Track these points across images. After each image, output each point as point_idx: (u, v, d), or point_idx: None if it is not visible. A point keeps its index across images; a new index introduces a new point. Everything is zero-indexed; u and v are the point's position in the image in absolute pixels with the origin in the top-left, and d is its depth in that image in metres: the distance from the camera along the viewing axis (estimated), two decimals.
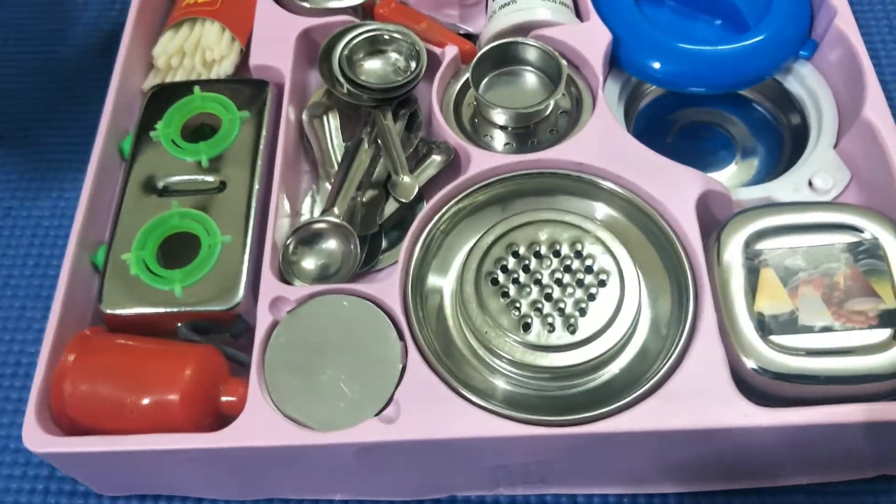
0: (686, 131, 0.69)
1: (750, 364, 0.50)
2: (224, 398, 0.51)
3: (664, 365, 0.49)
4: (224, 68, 0.65)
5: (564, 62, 0.61)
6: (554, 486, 0.56)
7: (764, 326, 0.51)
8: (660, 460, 0.52)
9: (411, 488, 0.56)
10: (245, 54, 0.66)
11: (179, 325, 0.54)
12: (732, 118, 0.69)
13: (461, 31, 0.67)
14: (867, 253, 0.52)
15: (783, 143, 0.67)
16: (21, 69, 0.79)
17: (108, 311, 0.54)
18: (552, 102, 0.61)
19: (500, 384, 0.52)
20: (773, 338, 0.50)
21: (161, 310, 0.54)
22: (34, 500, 0.58)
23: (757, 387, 0.50)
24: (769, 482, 0.56)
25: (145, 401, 0.50)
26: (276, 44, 0.64)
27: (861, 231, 0.53)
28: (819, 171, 0.60)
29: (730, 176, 0.66)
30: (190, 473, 0.54)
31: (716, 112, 0.69)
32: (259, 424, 0.49)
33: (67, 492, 0.59)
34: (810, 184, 0.60)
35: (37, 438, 0.49)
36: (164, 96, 0.63)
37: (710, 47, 0.63)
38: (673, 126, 0.69)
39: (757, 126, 0.68)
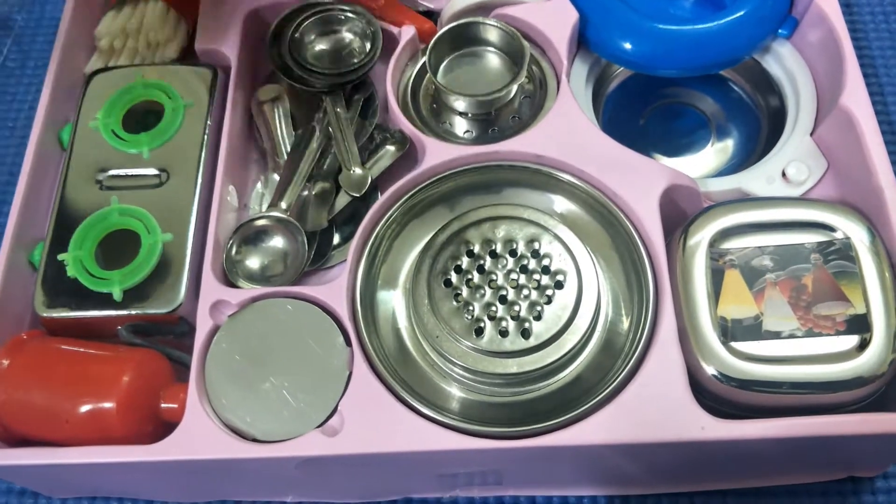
0: (659, 112, 0.66)
1: (710, 371, 0.48)
2: (164, 405, 0.49)
3: (620, 373, 0.47)
4: (169, 52, 0.61)
5: (527, 44, 0.58)
6: (511, 487, 0.55)
7: (727, 332, 0.48)
8: (618, 465, 0.51)
9: (363, 492, 0.54)
10: (191, 37, 0.62)
11: (120, 327, 0.52)
12: (708, 99, 0.66)
13: (421, 9, 0.63)
14: (838, 254, 0.50)
15: (761, 127, 0.64)
16: None
17: (45, 315, 0.52)
18: (514, 88, 0.58)
19: (453, 390, 0.50)
20: (735, 344, 0.48)
21: (100, 313, 0.52)
22: None
23: (718, 394, 0.48)
24: (734, 485, 0.54)
25: (81, 409, 0.48)
26: (222, 25, 0.61)
27: (833, 230, 0.50)
28: (794, 160, 0.57)
29: (706, 159, 0.63)
30: (135, 479, 0.52)
31: (691, 92, 0.66)
32: (197, 436, 0.47)
33: (17, 491, 0.57)
34: (784, 174, 0.57)
35: None
36: (106, 82, 0.59)
37: (684, 26, 0.59)
38: (645, 107, 0.66)
39: (733, 108, 0.65)
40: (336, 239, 0.57)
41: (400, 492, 0.54)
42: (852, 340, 0.47)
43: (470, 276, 0.50)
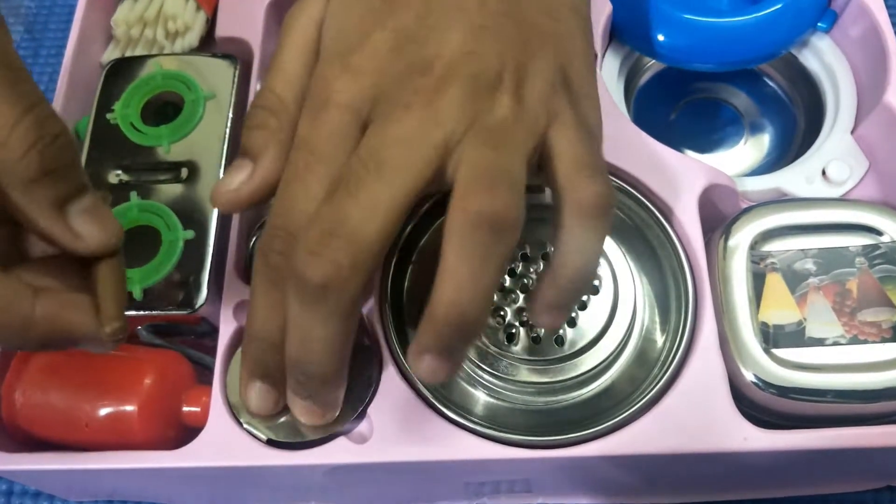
0: (691, 108, 0.64)
1: (750, 378, 0.46)
2: (186, 408, 0.48)
3: (658, 381, 0.46)
4: (188, 41, 0.59)
5: None
6: (541, 495, 0.53)
7: (768, 338, 0.47)
8: (652, 475, 0.49)
9: (388, 499, 0.53)
10: (211, 25, 0.60)
11: (140, 328, 0.50)
12: (741, 94, 0.64)
13: None
14: (884, 258, 0.48)
15: (797, 124, 0.62)
16: None
17: None
18: None
19: (483, 398, 0.48)
20: (776, 351, 0.46)
21: None
22: None
23: (757, 402, 0.47)
24: (768, 493, 0.53)
25: (102, 412, 0.47)
26: (244, 13, 0.59)
27: (879, 233, 0.49)
28: (834, 159, 0.55)
29: (738, 157, 0.62)
30: (154, 484, 0.51)
31: (724, 87, 0.64)
32: (221, 442, 0.45)
33: (32, 493, 0.56)
34: (824, 173, 0.55)
35: None
36: (124, 72, 0.57)
37: (719, 19, 0.58)
38: (677, 102, 0.64)
39: (768, 103, 0.63)
40: None
41: (425, 499, 0.53)
42: None
43: (502, 280, 0.49)
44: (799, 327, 0.47)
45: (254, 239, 0.52)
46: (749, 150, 0.62)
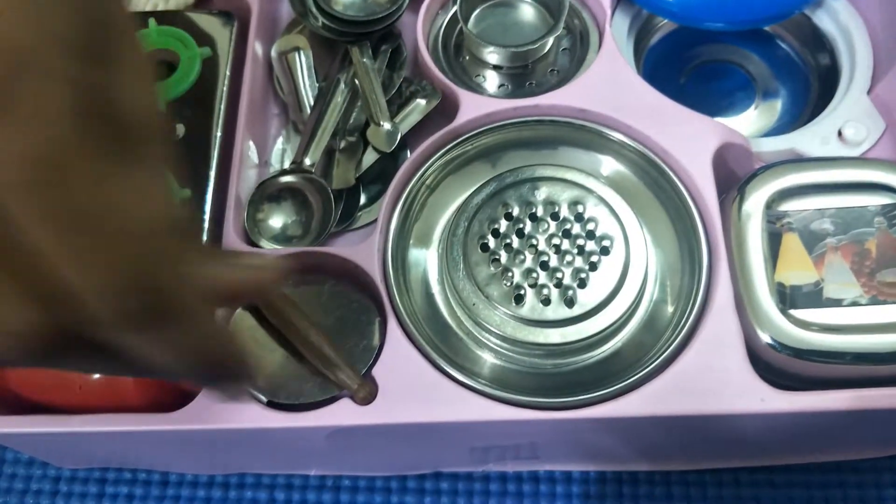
0: (701, 71, 0.62)
1: (766, 339, 0.44)
2: None
3: (672, 341, 0.44)
4: None
5: None
6: (548, 462, 0.52)
7: (785, 299, 0.45)
8: (663, 439, 0.48)
9: (392, 465, 0.51)
10: None
11: None
12: (753, 57, 0.62)
13: None
14: None
15: (809, 87, 0.60)
16: None
17: None
18: (551, 40, 0.54)
19: (490, 360, 0.47)
20: (794, 311, 0.45)
21: None
22: None
23: (774, 364, 0.45)
24: (780, 460, 0.52)
25: (95, 375, 0.45)
26: None
27: None
28: (850, 119, 0.54)
29: (749, 121, 0.60)
30: (152, 450, 0.50)
31: (735, 49, 0.62)
32: (219, 404, 0.44)
33: (25, 461, 0.55)
34: (840, 134, 0.53)
35: None
36: None
37: None
38: (687, 65, 0.62)
39: (780, 66, 0.61)
40: (362, 199, 0.53)
41: (430, 465, 0.52)
42: None
43: (509, 240, 0.47)
44: (816, 288, 0.45)
45: (253, 198, 0.50)
46: (760, 114, 0.60)
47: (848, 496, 0.51)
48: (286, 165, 0.53)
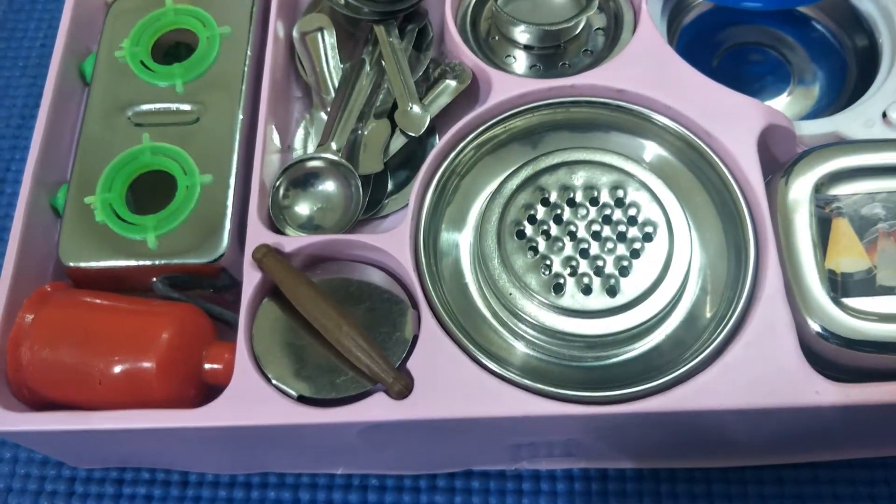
0: (734, 53, 0.60)
1: (816, 328, 0.43)
2: (208, 365, 0.44)
3: (720, 333, 0.42)
4: None
5: None
6: (582, 459, 0.50)
7: (836, 287, 0.43)
8: (704, 436, 0.46)
9: (422, 463, 0.50)
10: None
11: (155, 279, 0.46)
12: (788, 39, 0.60)
13: None
14: None
15: (847, 70, 0.58)
16: None
17: (71, 265, 0.46)
18: (584, 19, 0.52)
19: (527, 353, 0.45)
20: (845, 300, 0.43)
21: (132, 263, 0.46)
22: (1, 469, 0.52)
23: (823, 355, 0.43)
24: (826, 456, 0.50)
25: (116, 369, 0.43)
26: None
27: None
28: (895, 101, 0.51)
29: (783, 106, 0.58)
30: (173, 448, 0.47)
31: (769, 31, 0.60)
32: (247, 399, 0.42)
33: (39, 461, 0.53)
34: (885, 116, 0.51)
35: None
36: (132, 9, 0.53)
37: None
38: (720, 47, 0.60)
39: (816, 48, 0.59)
40: (390, 185, 0.51)
41: (461, 464, 0.50)
42: None
43: (546, 227, 0.45)
44: (869, 275, 0.43)
45: (278, 183, 0.48)
46: (796, 98, 0.58)
47: (894, 493, 0.49)
48: (310, 150, 0.51)
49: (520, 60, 0.54)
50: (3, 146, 0.64)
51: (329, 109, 0.51)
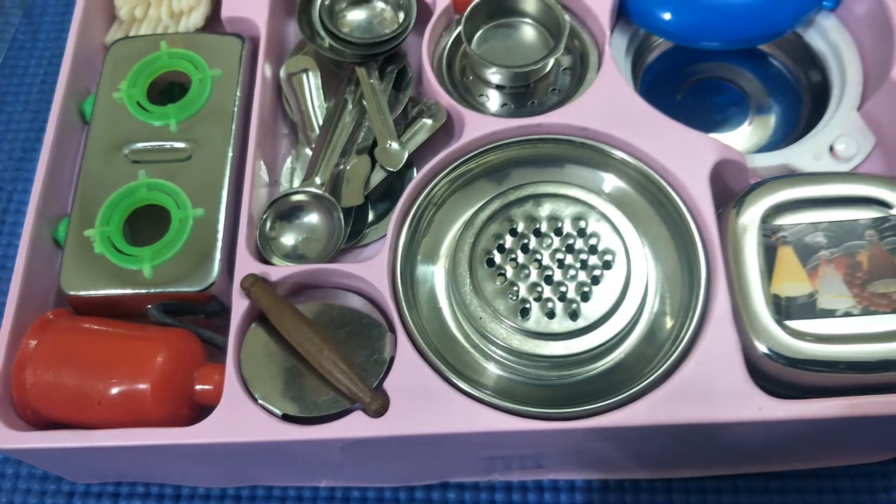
0: (697, 88, 0.64)
1: (762, 349, 0.46)
2: (199, 386, 0.48)
3: (672, 353, 0.46)
4: (193, 21, 0.59)
5: (566, 15, 0.56)
6: (552, 471, 0.53)
7: (780, 310, 0.47)
8: (665, 448, 0.49)
9: (401, 476, 0.53)
10: (216, 5, 0.60)
11: (150, 306, 0.50)
12: (747, 74, 0.64)
13: None
14: (894, 230, 0.48)
15: (802, 103, 0.62)
16: None
17: (71, 293, 0.50)
18: (552, 60, 0.56)
19: (496, 372, 0.48)
20: (789, 322, 0.47)
21: (129, 291, 0.50)
22: (3, 485, 0.55)
23: (770, 373, 0.47)
24: (777, 467, 0.53)
25: (114, 391, 0.46)
26: None
27: (889, 206, 0.49)
28: (842, 135, 0.55)
29: (743, 137, 0.62)
30: (167, 463, 0.51)
31: (729, 67, 0.64)
32: (236, 418, 0.45)
33: (39, 476, 0.56)
34: (831, 149, 0.55)
35: None
36: (128, 52, 0.57)
37: None
38: (683, 82, 0.64)
39: (773, 83, 0.63)
40: (370, 216, 0.55)
41: (438, 476, 0.53)
42: None
43: (514, 255, 0.49)
44: (811, 299, 0.47)
45: (265, 216, 0.52)
46: (754, 129, 0.62)
47: (842, 501, 0.53)
48: (296, 184, 0.54)
49: (493, 99, 0.57)
50: (6, 178, 0.67)
51: (314, 146, 0.54)
